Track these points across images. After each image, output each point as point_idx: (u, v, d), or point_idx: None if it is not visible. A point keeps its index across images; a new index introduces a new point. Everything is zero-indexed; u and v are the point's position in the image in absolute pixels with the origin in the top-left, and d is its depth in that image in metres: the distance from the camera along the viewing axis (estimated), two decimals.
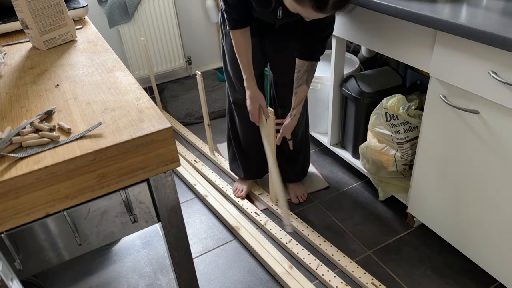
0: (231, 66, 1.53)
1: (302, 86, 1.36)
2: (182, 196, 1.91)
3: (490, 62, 1.08)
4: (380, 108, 1.55)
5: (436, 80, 1.27)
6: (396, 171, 1.63)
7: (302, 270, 1.48)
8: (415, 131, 1.51)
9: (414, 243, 1.58)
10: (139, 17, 2.49)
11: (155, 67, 2.69)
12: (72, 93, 0.87)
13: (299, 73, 1.34)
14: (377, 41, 1.46)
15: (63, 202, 0.69)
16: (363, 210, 1.75)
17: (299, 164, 1.79)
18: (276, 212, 1.74)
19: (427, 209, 1.49)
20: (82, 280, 1.46)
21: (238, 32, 1.32)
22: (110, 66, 0.98)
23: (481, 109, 1.16)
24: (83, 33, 1.24)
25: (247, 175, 1.82)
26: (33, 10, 1.07)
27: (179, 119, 2.49)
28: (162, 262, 1.52)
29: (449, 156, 1.32)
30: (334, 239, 1.62)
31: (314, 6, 0.95)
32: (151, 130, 0.72)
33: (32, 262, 0.75)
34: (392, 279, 1.44)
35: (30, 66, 1.02)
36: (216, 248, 1.63)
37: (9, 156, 0.67)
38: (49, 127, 0.73)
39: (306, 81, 1.35)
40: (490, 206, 1.24)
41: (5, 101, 0.86)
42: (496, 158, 1.17)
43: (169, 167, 0.76)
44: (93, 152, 0.67)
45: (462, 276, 1.43)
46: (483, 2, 1.23)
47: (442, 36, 1.20)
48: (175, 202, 0.83)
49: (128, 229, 0.82)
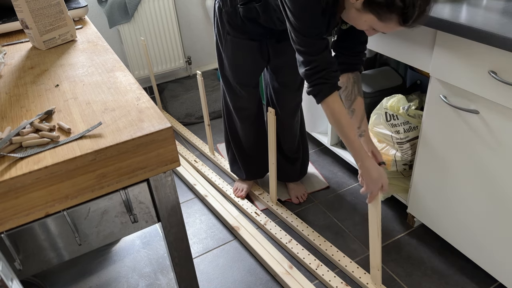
0: (232, 71, 1.50)
1: (357, 99, 1.21)
2: (182, 196, 1.91)
3: (490, 62, 1.08)
4: (380, 108, 1.55)
5: (436, 80, 1.27)
6: (396, 171, 1.63)
7: (302, 270, 1.48)
8: (415, 131, 1.51)
9: (414, 243, 1.58)
10: (139, 17, 2.49)
11: (155, 67, 2.69)
12: (72, 93, 0.87)
13: (347, 89, 1.20)
14: (377, 41, 1.46)
15: (63, 202, 0.69)
16: (363, 210, 1.75)
17: (298, 163, 1.79)
18: (276, 212, 1.74)
19: (427, 209, 1.49)
20: (82, 280, 1.46)
21: (335, 96, 1.08)
22: (110, 66, 0.98)
23: (481, 109, 1.16)
24: (83, 33, 1.24)
25: (249, 176, 1.82)
26: (33, 10, 1.07)
27: (179, 119, 2.49)
28: (162, 262, 1.52)
29: (449, 156, 1.32)
30: (334, 239, 1.62)
31: (401, 20, 0.94)
32: (151, 130, 0.72)
33: (32, 262, 0.75)
34: (392, 279, 1.44)
35: (30, 66, 1.02)
36: (216, 248, 1.63)
37: (9, 156, 0.67)
38: (49, 127, 0.73)
39: (358, 93, 1.22)
40: (490, 206, 1.24)
41: (5, 101, 0.86)
42: (496, 158, 1.17)
43: (169, 167, 0.76)
44: (93, 152, 0.67)
45: (462, 276, 1.43)
46: (483, 2, 1.23)
47: (442, 36, 1.20)
48: (175, 202, 0.83)
49: (128, 229, 0.82)
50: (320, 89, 1.07)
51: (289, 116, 1.62)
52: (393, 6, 0.91)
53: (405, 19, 0.93)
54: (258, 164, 1.79)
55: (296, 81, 1.54)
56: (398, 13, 0.93)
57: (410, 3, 0.90)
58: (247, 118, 1.64)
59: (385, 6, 0.92)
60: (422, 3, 0.92)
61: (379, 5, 0.93)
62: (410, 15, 0.92)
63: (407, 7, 0.91)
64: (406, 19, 0.93)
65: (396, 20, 0.95)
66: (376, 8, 0.94)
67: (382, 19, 0.96)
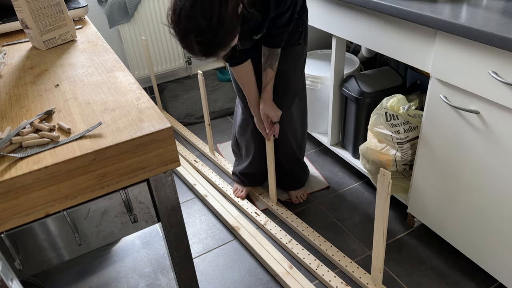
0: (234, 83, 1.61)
1: (266, 70, 1.43)
2: (182, 196, 1.91)
3: (490, 62, 1.08)
4: (380, 108, 1.55)
5: (436, 80, 1.27)
6: (396, 171, 1.63)
7: (302, 270, 1.47)
8: (415, 131, 1.51)
9: (414, 243, 1.58)
10: (139, 17, 2.49)
11: (155, 67, 2.69)
12: (72, 93, 0.87)
13: (264, 57, 1.43)
14: (377, 41, 1.46)
15: (63, 202, 0.69)
16: (363, 210, 1.75)
17: (295, 177, 1.81)
18: (276, 212, 1.74)
19: (427, 209, 1.49)
20: (82, 280, 1.46)
21: (239, 67, 1.43)
22: (110, 66, 0.98)
23: (481, 109, 1.16)
24: (83, 33, 1.24)
25: (250, 184, 1.85)
26: (33, 10, 1.07)
27: (179, 119, 2.49)
28: (162, 262, 1.52)
29: (449, 156, 1.32)
30: (334, 239, 1.62)
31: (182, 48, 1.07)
32: (151, 130, 0.72)
33: (32, 262, 0.75)
34: (392, 279, 1.44)
35: (30, 66, 1.02)
36: (216, 248, 1.63)
37: (9, 156, 0.67)
38: (49, 127, 0.73)
39: (270, 65, 1.42)
40: (490, 206, 1.24)
41: (5, 101, 0.86)
42: (497, 158, 1.17)
43: (169, 167, 0.76)
44: (93, 152, 0.67)
45: (462, 276, 1.43)
46: (483, 2, 1.23)
47: (442, 36, 1.20)
48: (175, 202, 0.83)
49: (128, 229, 0.82)
50: (234, 61, 1.43)
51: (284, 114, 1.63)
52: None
53: (183, 46, 1.05)
54: (259, 175, 1.82)
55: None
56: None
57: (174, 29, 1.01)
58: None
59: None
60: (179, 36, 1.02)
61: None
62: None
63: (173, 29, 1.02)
64: (186, 50, 1.06)
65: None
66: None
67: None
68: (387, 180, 1.14)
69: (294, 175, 1.79)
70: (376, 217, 1.25)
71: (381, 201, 1.21)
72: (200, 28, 0.97)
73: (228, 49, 1.08)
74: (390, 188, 1.15)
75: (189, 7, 0.95)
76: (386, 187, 1.15)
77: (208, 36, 0.98)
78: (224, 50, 1.06)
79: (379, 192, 1.19)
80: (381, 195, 1.19)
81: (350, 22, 1.56)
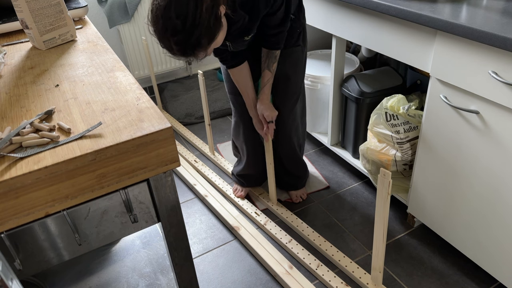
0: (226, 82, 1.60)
1: (264, 71, 1.44)
2: (182, 196, 1.91)
3: (490, 62, 1.08)
4: (380, 108, 1.55)
5: (437, 80, 1.27)
6: (396, 171, 1.63)
7: (302, 270, 1.47)
8: (415, 131, 1.51)
9: (414, 243, 1.58)
10: (139, 17, 2.49)
11: (155, 67, 2.69)
12: (72, 93, 0.87)
13: (262, 58, 1.43)
14: (377, 41, 1.46)
15: (63, 202, 0.69)
16: (363, 210, 1.75)
17: (296, 177, 1.81)
18: (276, 212, 1.74)
19: (427, 209, 1.49)
20: (82, 280, 1.46)
21: (235, 69, 1.44)
22: (110, 66, 0.98)
23: (481, 109, 1.16)
24: (83, 33, 1.24)
25: (249, 185, 1.85)
26: (33, 10, 1.07)
27: (179, 119, 2.49)
28: (162, 262, 1.52)
29: (449, 156, 1.32)
30: (334, 239, 1.62)
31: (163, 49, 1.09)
32: (151, 130, 0.72)
33: (32, 262, 0.75)
34: (392, 279, 1.44)
35: (30, 66, 1.02)
36: (216, 248, 1.63)
37: (9, 156, 0.67)
38: (49, 127, 0.73)
39: (268, 67, 1.42)
40: (491, 206, 1.24)
41: (5, 101, 0.86)
42: (497, 158, 1.17)
43: (169, 167, 0.76)
44: (93, 152, 0.67)
45: (462, 276, 1.43)
46: (483, 2, 1.23)
47: (442, 36, 1.20)
48: (175, 202, 0.83)
49: (128, 229, 0.82)
50: (229, 64, 1.44)
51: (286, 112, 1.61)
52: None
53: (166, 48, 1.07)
54: (256, 176, 1.82)
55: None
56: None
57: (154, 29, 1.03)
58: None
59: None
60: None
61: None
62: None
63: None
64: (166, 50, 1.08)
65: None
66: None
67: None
68: (387, 180, 1.14)
69: (295, 175, 1.79)
70: (376, 217, 1.25)
71: (381, 201, 1.20)
72: (174, 28, 0.98)
73: (208, 49, 1.07)
74: (390, 188, 1.15)
75: (164, 7, 0.96)
76: (386, 187, 1.15)
77: (184, 37, 0.99)
78: (203, 50, 1.05)
79: (379, 192, 1.19)
80: (381, 195, 1.19)
81: (350, 22, 1.56)
